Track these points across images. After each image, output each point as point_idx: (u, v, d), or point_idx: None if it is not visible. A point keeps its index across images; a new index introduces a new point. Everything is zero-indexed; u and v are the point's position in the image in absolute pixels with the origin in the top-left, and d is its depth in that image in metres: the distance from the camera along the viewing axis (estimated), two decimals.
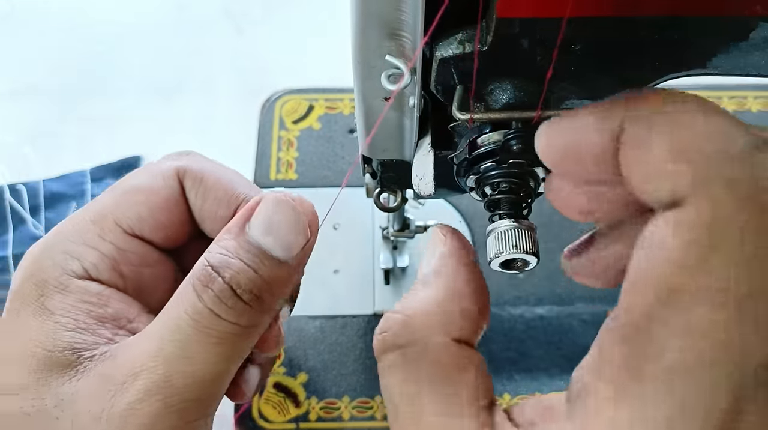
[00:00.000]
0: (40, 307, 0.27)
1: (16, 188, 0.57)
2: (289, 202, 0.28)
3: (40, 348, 0.26)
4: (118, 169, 0.58)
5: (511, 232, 0.26)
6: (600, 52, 0.24)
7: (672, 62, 0.26)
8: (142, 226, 0.30)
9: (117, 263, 0.29)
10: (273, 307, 0.29)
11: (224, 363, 0.27)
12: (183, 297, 0.27)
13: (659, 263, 0.17)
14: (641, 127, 0.19)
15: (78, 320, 0.27)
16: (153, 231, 0.31)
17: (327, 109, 0.57)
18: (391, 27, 0.23)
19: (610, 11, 0.22)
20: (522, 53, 0.23)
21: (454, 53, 0.24)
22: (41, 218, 0.56)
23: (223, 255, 0.27)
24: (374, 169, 0.36)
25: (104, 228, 0.30)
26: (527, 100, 0.25)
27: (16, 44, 0.65)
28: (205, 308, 0.26)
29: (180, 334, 0.26)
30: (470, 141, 0.26)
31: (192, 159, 0.32)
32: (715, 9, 0.23)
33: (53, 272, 0.28)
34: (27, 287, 0.28)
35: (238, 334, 0.27)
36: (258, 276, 0.27)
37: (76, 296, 0.28)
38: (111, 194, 0.31)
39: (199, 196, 0.31)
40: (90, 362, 0.26)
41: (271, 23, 0.66)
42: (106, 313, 0.28)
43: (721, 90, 0.58)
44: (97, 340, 0.27)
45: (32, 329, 0.27)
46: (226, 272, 0.27)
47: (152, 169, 0.32)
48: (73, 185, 0.57)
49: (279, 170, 0.54)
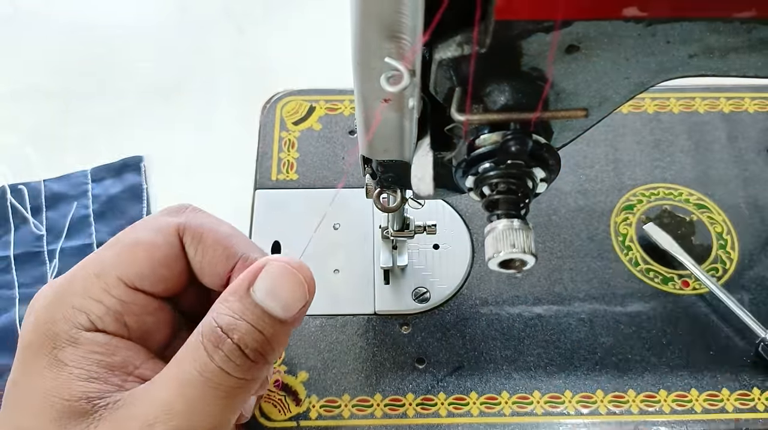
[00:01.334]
0: (54, 359, 0.30)
1: (17, 188, 0.57)
2: (291, 271, 0.31)
3: (57, 398, 0.29)
4: (119, 170, 0.58)
5: (509, 232, 0.26)
6: (597, 54, 0.25)
7: (669, 64, 0.26)
8: (144, 281, 0.33)
9: (121, 315, 0.32)
10: (273, 359, 0.32)
11: (231, 413, 0.31)
12: (193, 354, 0.29)
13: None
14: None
15: (90, 370, 0.30)
16: (154, 284, 0.33)
17: (327, 111, 0.57)
18: (390, 29, 0.23)
19: (606, 14, 0.22)
20: (520, 55, 0.24)
21: (453, 55, 0.24)
22: (42, 218, 0.56)
23: (231, 317, 0.30)
24: (374, 170, 0.36)
25: (108, 283, 0.32)
26: (525, 102, 0.25)
27: (18, 45, 0.65)
28: (216, 367, 0.29)
29: (191, 389, 0.29)
30: (469, 142, 0.27)
31: (191, 215, 0.35)
32: (712, 11, 0.23)
33: (64, 326, 0.30)
34: (40, 339, 0.30)
35: (244, 386, 0.30)
36: (263, 336, 0.30)
37: (86, 348, 0.30)
38: (114, 249, 0.33)
39: (198, 252, 0.34)
40: (105, 410, 0.29)
41: (272, 24, 0.66)
42: (115, 361, 0.31)
43: (718, 91, 0.58)
44: (109, 388, 0.30)
45: (48, 380, 0.29)
46: (235, 334, 0.29)
47: (153, 224, 0.34)
48: (74, 186, 0.57)
49: (280, 171, 0.54)
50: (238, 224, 0.54)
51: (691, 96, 0.58)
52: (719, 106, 0.57)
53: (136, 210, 0.56)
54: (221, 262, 0.34)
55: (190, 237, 0.34)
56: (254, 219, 0.52)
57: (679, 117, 0.57)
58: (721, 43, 0.25)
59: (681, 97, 0.58)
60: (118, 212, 0.56)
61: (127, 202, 0.56)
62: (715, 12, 0.23)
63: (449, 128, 0.28)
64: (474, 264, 0.50)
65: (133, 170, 0.58)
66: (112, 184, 0.57)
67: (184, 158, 0.59)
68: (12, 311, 0.52)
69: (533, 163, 0.26)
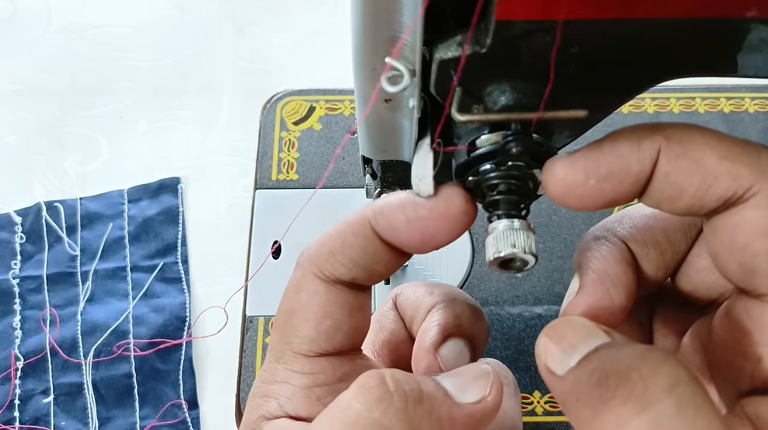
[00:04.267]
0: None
1: (53, 206, 0.56)
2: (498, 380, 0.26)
3: None
4: (156, 191, 0.57)
5: (509, 232, 0.26)
6: (599, 54, 0.25)
7: (670, 64, 0.26)
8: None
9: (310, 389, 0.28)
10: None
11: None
12: None
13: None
14: (682, 147, 0.22)
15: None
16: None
17: (328, 111, 0.57)
18: (391, 29, 0.23)
19: (609, 14, 0.22)
20: (520, 56, 0.24)
21: (453, 55, 0.24)
22: (77, 238, 0.55)
23: None
24: (374, 170, 0.36)
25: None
26: (526, 102, 0.25)
27: (17, 45, 0.65)
28: None
29: None
30: (469, 143, 0.27)
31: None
32: (712, 11, 0.23)
33: (249, 417, 0.28)
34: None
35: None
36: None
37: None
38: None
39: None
40: None
41: (272, 24, 0.66)
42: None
43: (718, 91, 0.58)
44: None
45: None
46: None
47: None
48: (110, 205, 0.56)
49: (280, 171, 0.54)
50: (238, 223, 0.55)
51: (691, 96, 0.58)
52: (719, 106, 0.57)
53: (171, 233, 0.55)
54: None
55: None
56: (254, 219, 0.52)
57: (680, 117, 0.57)
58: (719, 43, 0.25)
59: (681, 97, 0.58)
60: (153, 235, 0.55)
61: (163, 225, 0.55)
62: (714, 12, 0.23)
63: (443, 142, 0.28)
64: (474, 264, 0.50)
65: (170, 192, 0.57)
66: (148, 206, 0.56)
67: (183, 158, 0.59)
68: (42, 333, 0.51)
69: (534, 165, 0.26)
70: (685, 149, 0.22)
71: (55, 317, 0.52)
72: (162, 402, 0.49)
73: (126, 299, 0.53)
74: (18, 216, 0.56)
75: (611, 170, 0.23)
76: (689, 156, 0.22)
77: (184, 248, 0.54)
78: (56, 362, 0.50)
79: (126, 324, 0.51)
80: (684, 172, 0.22)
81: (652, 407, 0.20)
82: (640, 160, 0.23)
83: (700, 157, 0.22)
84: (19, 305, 0.52)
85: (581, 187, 0.23)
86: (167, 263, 0.54)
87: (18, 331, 0.51)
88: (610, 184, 0.23)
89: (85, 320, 0.51)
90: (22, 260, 0.54)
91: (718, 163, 0.21)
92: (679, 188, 0.22)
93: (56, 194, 0.57)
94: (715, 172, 0.21)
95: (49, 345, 0.51)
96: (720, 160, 0.21)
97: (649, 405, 0.20)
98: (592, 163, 0.23)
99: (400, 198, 0.27)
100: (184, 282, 0.53)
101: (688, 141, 0.22)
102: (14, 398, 0.49)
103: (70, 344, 0.51)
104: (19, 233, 0.55)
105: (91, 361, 0.50)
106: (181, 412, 0.49)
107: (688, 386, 0.20)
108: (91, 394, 0.49)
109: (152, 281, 0.53)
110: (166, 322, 0.51)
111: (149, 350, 0.50)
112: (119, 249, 0.54)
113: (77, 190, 0.57)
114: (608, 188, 0.23)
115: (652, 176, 0.23)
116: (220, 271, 0.54)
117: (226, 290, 0.49)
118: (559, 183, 0.24)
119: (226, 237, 0.55)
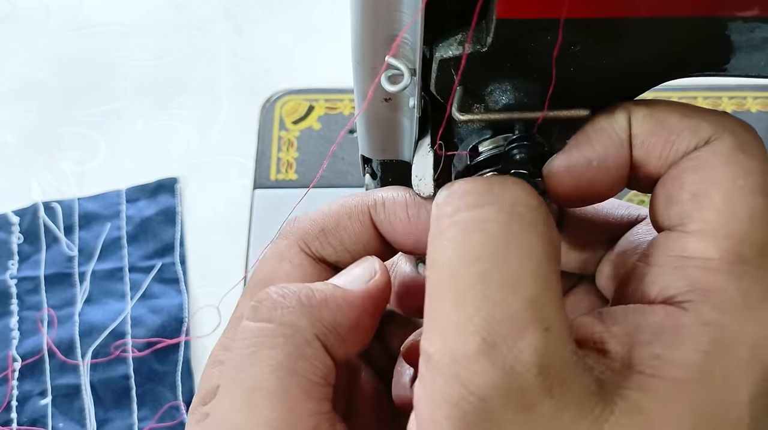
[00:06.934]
0: None
1: (50, 206, 0.55)
2: None
3: None
4: (154, 191, 0.57)
5: None
6: (600, 53, 0.24)
7: (672, 64, 0.26)
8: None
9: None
10: None
11: None
12: None
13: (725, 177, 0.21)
14: (648, 109, 0.23)
15: None
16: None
17: (327, 110, 0.57)
18: (391, 28, 0.23)
19: (610, 13, 0.22)
20: (522, 55, 0.23)
21: (454, 54, 0.24)
22: (75, 239, 0.54)
23: None
24: (374, 170, 0.36)
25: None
26: (527, 101, 0.25)
27: (16, 44, 0.65)
28: None
29: None
30: (471, 148, 0.26)
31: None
32: (713, 10, 0.23)
33: (204, 386, 0.27)
34: None
35: None
36: None
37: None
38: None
39: None
40: None
41: (271, 23, 0.66)
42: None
43: (720, 90, 0.58)
44: None
45: None
46: None
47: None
48: (107, 206, 0.56)
49: (279, 170, 0.54)
50: (237, 223, 0.55)
51: (693, 95, 0.57)
52: (721, 105, 0.57)
53: (169, 234, 0.55)
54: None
55: None
56: (253, 219, 0.52)
57: None
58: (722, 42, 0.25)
59: (683, 96, 0.57)
60: (151, 235, 0.55)
61: (161, 226, 0.55)
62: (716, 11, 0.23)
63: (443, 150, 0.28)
64: None
65: (168, 192, 0.56)
66: (146, 206, 0.56)
67: (182, 158, 0.58)
68: (39, 334, 0.51)
69: (537, 173, 0.26)
70: (650, 111, 0.23)
71: (53, 317, 0.51)
72: (160, 404, 0.49)
73: (124, 299, 0.52)
74: (15, 216, 0.55)
75: (603, 145, 0.24)
76: (654, 117, 0.23)
77: (182, 248, 0.54)
78: (54, 364, 0.50)
79: (124, 325, 0.51)
80: (649, 131, 0.23)
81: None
82: (616, 128, 0.24)
83: (664, 118, 0.23)
84: (17, 305, 0.52)
85: (587, 171, 0.24)
86: (165, 263, 0.54)
87: (15, 332, 0.51)
88: (611, 158, 0.24)
89: (82, 321, 0.51)
90: (20, 260, 0.54)
91: (680, 121, 0.23)
92: (647, 149, 0.23)
93: (54, 194, 0.56)
94: (678, 128, 0.23)
95: (46, 346, 0.50)
96: (681, 118, 0.23)
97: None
98: (586, 145, 0.24)
99: (404, 195, 0.27)
100: (182, 283, 0.53)
101: (653, 105, 0.24)
102: (12, 400, 0.49)
103: (67, 345, 0.50)
104: (17, 234, 0.55)
105: (88, 362, 0.50)
106: (179, 414, 0.49)
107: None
108: (88, 395, 0.49)
109: (150, 282, 0.53)
110: (164, 323, 0.51)
111: (147, 350, 0.50)
112: (117, 250, 0.54)
113: (75, 190, 0.57)
114: (611, 162, 0.24)
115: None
116: (218, 271, 0.54)
117: (225, 290, 0.48)
118: (565, 176, 0.24)
119: (224, 237, 0.55)
